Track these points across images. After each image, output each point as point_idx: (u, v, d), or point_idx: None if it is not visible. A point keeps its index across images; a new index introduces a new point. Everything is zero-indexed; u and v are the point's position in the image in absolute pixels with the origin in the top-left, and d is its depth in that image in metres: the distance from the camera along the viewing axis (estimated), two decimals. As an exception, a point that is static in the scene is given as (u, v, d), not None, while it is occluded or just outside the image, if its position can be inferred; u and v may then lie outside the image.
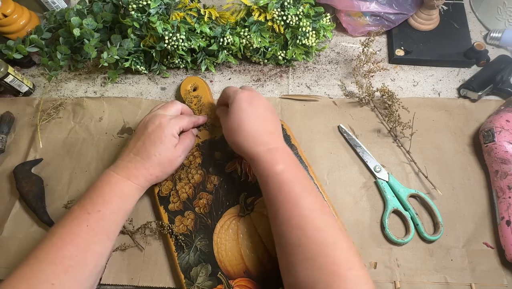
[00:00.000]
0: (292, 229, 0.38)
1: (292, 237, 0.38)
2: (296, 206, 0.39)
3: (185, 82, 0.60)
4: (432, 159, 0.54)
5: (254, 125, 0.45)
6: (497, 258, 0.47)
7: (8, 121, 0.59)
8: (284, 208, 0.40)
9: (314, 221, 0.38)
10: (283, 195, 0.40)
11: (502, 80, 0.56)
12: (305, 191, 0.41)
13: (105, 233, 0.42)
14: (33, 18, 0.66)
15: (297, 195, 0.40)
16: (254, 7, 0.56)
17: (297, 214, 0.39)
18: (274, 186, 0.41)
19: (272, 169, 0.42)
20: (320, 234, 0.37)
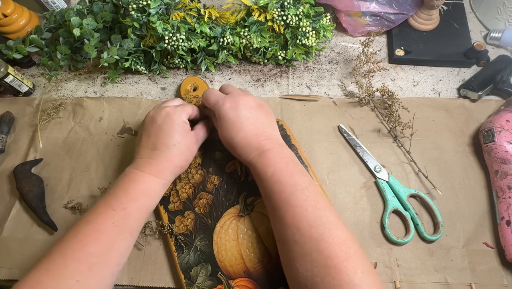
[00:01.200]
0: (287, 227, 0.39)
1: (288, 235, 0.39)
2: (289, 205, 0.40)
3: (185, 82, 0.60)
4: (432, 159, 0.54)
5: (243, 136, 0.45)
6: (497, 258, 0.47)
7: (8, 121, 0.59)
8: (278, 209, 0.41)
9: (306, 218, 0.38)
10: (277, 197, 0.41)
11: (502, 80, 0.56)
12: (297, 189, 0.41)
13: (129, 231, 0.41)
14: (33, 18, 0.66)
15: (289, 194, 0.40)
16: (254, 7, 0.56)
17: (291, 213, 0.39)
18: (267, 189, 0.42)
19: (264, 173, 0.43)
20: (313, 230, 0.38)
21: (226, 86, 0.51)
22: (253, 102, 0.47)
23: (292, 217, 0.39)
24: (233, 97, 0.47)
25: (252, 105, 0.47)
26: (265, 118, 0.47)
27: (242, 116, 0.45)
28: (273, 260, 0.46)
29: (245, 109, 0.46)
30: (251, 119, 0.46)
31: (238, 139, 0.45)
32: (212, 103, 0.48)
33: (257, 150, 0.44)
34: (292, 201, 0.40)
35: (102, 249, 0.39)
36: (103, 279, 0.38)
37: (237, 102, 0.46)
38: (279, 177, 0.42)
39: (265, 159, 0.43)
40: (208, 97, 0.49)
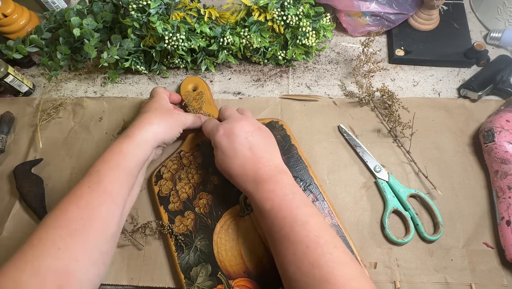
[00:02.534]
0: (288, 265, 0.37)
1: (290, 273, 0.37)
2: (288, 242, 0.37)
3: (185, 82, 0.60)
4: (432, 159, 0.54)
5: (239, 165, 0.43)
6: (497, 258, 0.47)
7: (8, 121, 0.59)
8: (279, 244, 0.39)
9: (308, 257, 0.36)
10: (276, 232, 0.39)
11: (502, 80, 0.56)
12: (298, 224, 0.38)
13: (107, 193, 0.41)
14: (33, 18, 0.66)
15: (289, 230, 0.38)
16: (254, 7, 0.56)
17: (291, 250, 0.37)
18: (267, 222, 0.40)
19: (262, 207, 0.40)
20: (316, 271, 0.35)
21: (223, 110, 0.49)
22: (250, 126, 0.45)
23: (293, 254, 0.37)
24: (228, 123, 0.45)
25: (248, 130, 0.44)
26: (263, 142, 0.45)
27: (237, 143, 0.43)
28: (273, 260, 0.46)
29: (240, 135, 0.44)
30: (246, 146, 0.43)
31: (234, 167, 0.43)
32: (208, 132, 0.47)
33: (254, 180, 0.42)
34: (292, 237, 0.37)
35: (82, 214, 0.38)
36: (87, 245, 0.37)
37: (232, 129, 0.44)
38: (277, 211, 0.39)
39: (262, 190, 0.41)
40: (206, 127, 0.49)
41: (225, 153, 0.44)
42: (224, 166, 0.44)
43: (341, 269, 0.35)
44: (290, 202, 0.40)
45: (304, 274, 0.35)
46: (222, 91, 0.62)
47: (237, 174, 0.43)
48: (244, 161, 0.43)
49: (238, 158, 0.43)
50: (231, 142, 0.44)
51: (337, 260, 0.36)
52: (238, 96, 0.61)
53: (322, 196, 0.49)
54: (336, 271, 0.35)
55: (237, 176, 0.43)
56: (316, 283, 0.34)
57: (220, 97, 0.61)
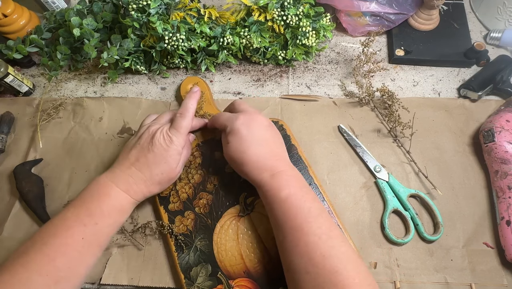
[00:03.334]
0: (299, 256, 0.37)
1: (300, 264, 0.37)
2: (302, 233, 0.38)
3: (185, 82, 0.60)
4: (432, 159, 0.54)
5: (256, 152, 0.43)
6: (497, 258, 0.47)
7: (8, 121, 0.59)
8: (291, 235, 0.39)
9: (320, 248, 0.37)
10: (289, 222, 0.39)
11: (502, 80, 0.56)
12: (312, 216, 0.39)
13: (99, 245, 0.41)
14: (33, 18, 0.66)
15: (303, 221, 0.39)
16: (254, 7, 0.56)
17: (303, 241, 0.37)
18: (280, 212, 0.40)
19: (277, 195, 0.41)
20: (326, 261, 0.36)
21: (239, 103, 0.50)
22: (266, 121, 0.47)
23: (305, 246, 0.37)
24: (248, 114, 0.46)
25: (265, 124, 0.46)
26: (277, 138, 0.47)
27: (255, 134, 0.44)
28: (273, 260, 0.46)
29: (259, 127, 0.45)
30: (264, 138, 0.45)
31: (251, 154, 0.43)
32: (223, 121, 0.47)
33: (269, 170, 0.43)
34: (305, 229, 0.38)
35: (70, 264, 0.38)
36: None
37: (251, 120, 0.45)
38: (293, 201, 0.40)
39: (278, 180, 0.42)
40: (219, 117, 0.49)
41: (244, 139, 0.44)
42: (238, 152, 0.44)
43: (350, 263, 0.36)
44: (306, 194, 0.41)
45: (315, 265, 0.36)
46: (222, 91, 0.62)
47: (253, 160, 0.43)
48: (261, 150, 0.44)
49: (256, 146, 0.44)
50: (251, 131, 0.44)
51: (346, 254, 0.37)
52: (238, 96, 0.61)
53: (322, 196, 0.49)
54: (346, 263, 0.36)
55: (252, 162, 0.43)
56: (327, 274, 0.35)
57: (220, 97, 0.61)
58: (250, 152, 0.44)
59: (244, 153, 0.44)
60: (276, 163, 0.43)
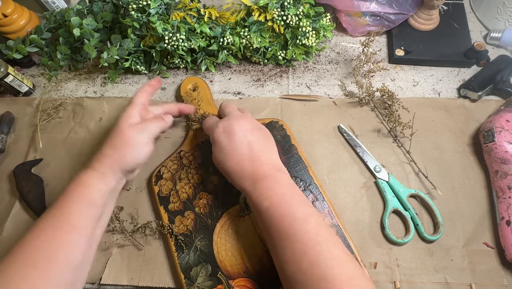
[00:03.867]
0: (287, 264, 0.37)
1: (289, 272, 0.37)
2: (287, 241, 0.37)
3: (185, 82, 0.60)
4: (432, 159, 0.54)
5: (236, 162, 0.43)
6: (497, 258, 0.47)
7: (8, 121, 0.59)
8: (277, 243, 0.38)
9: (307, 255, 0.36)
10: (274, 230, 0.38)
11: (502, 80, 0.56)
12: (297, 222, 0.38)
13: (70, 224, 0.40)
14: (33, 18, 0.66)
15: (288, 228, 0.38)
16: (254, 7, 0.56)
17: (290, 249, 0.37)
18: (265, 221, 0.40)
19: (260, 205, 0.40)
20: (315, 269, 0.35)
21: (224, 106, 0.49)
22: (249, 125, 0.45)
23: (292, 253, 0.36)
24: (227, 121, 0.45)
25: (247, 128, 0.44)
26: (262, 141, 0.45)
27: (235, 141, 0.43)
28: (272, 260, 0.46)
29: (239, 133, 0.44)
30: (245, 144, 0.43)
31: (231, 164, 0.43)
32: (207, 129, 0.48)
33: (251, 178, 0.42)
34: (291, 236, 0.37)
35: (44, 246, 0.38)
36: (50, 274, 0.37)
37: (231, 126, 0.44)
38: (276, 209, 0.39)
39: (260, 188, 0.41)
40: (205, 123, 0.49)
41: (223, 150, 0.44)
42: (221, 162, 0.44)
43: (340, 268, 0.35)
44: (289, 200, 0.40)
45: (303, 273, 0.35)
46: (222, 91, 0.62)
47: (234, 170, 0.43)
48: (241, 158, 0.43)
49: (236, 155, 0.43)
50: (230, 140, 0.43)
51: (336, 259, 0.36)
52: (238, 96, 0.61)
53: (322, 196, 0.49)
54: (335, 269, 0.35)
55: (234, 173, 0.43)
56: (315, 281, 0.34)
57: (220, 97, 0.61)
58: (231, 162, 0.43)
59: (225, 164, 0.43)
60: (259, 170, 0.42)
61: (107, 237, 0.50)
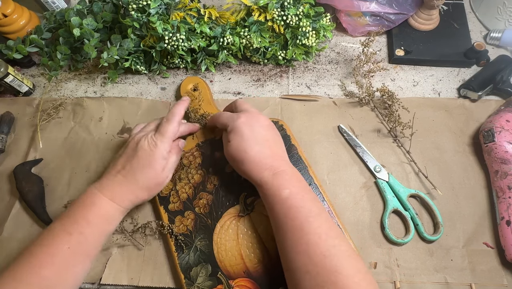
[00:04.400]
0: (298, 255, 0.38)
1: (299, 264, 0.37)
2: (302, 232, 0.38)
3: (185, 82, 0.60)
4: (432, 159, 0.54)
5: (257, 151, 0.44)
6: (497, 258, 0.47)
7: (8, 121, 0.59)
8: (291, 234, 0.39)
9: (321, 247, 0.37)
10: (290, 221, 0.39)
11: (502, 80, 0.56)
12: (312, 215, 0.39)
13: (86, 254, 0.41)
14: (33, 18, 0.66)
15: (304, 220, 0.39)
16: (254, 7, 0.56)
17: (304, 240, 0.38)
18: (281, 211, 0.40)
19: (278, 194, 0.41)
20: (327, 261, 0.36)
21: (241, 103, 0.50)
22: (267, 122, 0.47)
23: (306, 245, 0.37)
24: (249, 113, 0.47)
25: (266, 124, 0.47)
26: (277, 140, 0.47)
27: (256, 133, 0.45)
28: (273, 260, 0.46)
29: (260, 127, 0.46)
30: (265, 138, 0.45)
31: (252, 153, 0.44)
32: (225, 120, 0.48)
33: (270, 169, 0.43)
34: (306, 228, 0.38)
35: (56, 272, 0.38)
36: None
37: (253, 119, 0.46)
38: (294, 200, 0.40)
39: (279, 179, 0.42)
40: (220, 116, 0.49)
41: (245, 139, 0.44)
42: (239, 151, 0.44)
43: (350, 262, 0.36)
44: (306, 194, 0.41)
45: (315, 264, 0.36)
46: (222, 91, 0.62)
47: (254, 160, 0.43)
48: (262, 149, 0.44)
49: (258, 145, 0.44)
50: (252, 130, 0.45)
51: (346, 253, 0.37)
52: (238, 96, 0.61)
53: (322, 196, 0.49)
54: (346, 262, 0.36)
55: (254, 162, 0.43)
56: (327, 273, 0.35)
57: (220, 97, 0.61)
58: (251, 151, 0.44)
59: (245, 152, 0.44)
60: (276, 163, 0.43)
61: (107, 237, 0.50)
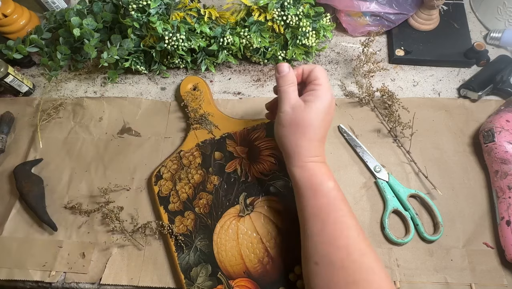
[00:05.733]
0: (337, 249, 0.37)
1: (336, 258, 0.36)
2: (344, 226, 0.37)
3: (185, 82, 0.60)
4: (432, 159, 0.54)
5: (322, 134, 0.41)
6: (497, 258, 0.47)
7: (8, 121, 0.59)
8: (331, 227, 0.38)
9: (360, 244, 0.37)
10: (333, 213, 0.38)
11: (502, 80, 0.56)
12: (350, 210, 0.39)
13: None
14: (33, 18, 0.66)
15: (346, 215, 0.38)
16: (254, 7, 0.56)
17: (345, 235, 0.37)
18: (324, 201, 0.39)
19: (324, 184, 0.40)
20: (365, 259, 0.36)
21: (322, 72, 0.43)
22: None
23: (346, 239, 0.37)
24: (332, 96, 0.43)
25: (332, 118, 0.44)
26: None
27: (330, 114, 0.42)
28: (273, 260, 0.46)
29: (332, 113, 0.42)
30: (328, 125, 0.42)
31: (320, 131, 0.41)
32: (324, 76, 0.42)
33: (321, 155, 0.41)
34: (348, 222, 0.38)
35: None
36: None
37: (333, 102, 0.43)
38: (337, 193, 0.39)
39: (325, 168, 0.41)
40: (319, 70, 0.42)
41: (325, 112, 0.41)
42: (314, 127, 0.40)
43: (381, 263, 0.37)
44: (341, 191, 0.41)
45: (353, 261, 0.36)
46: (222, 91, 0.62)
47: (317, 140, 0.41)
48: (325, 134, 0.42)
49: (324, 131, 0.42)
50: (330, 111, 0.41)
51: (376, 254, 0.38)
52: (238, 96, 0.61)
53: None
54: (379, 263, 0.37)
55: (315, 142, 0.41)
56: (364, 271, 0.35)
57: (220, 97, 0.61)
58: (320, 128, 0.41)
59: (319, 127, 0.41)
60: (323, 151, 0.42)
61: (107, 237, 0.50)
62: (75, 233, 0.51)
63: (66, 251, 0.50)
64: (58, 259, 0.49)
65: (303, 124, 0.40)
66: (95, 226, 0.51)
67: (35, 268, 0.49)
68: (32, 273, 0.48)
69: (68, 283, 0.48)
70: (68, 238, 0.51)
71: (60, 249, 0.50)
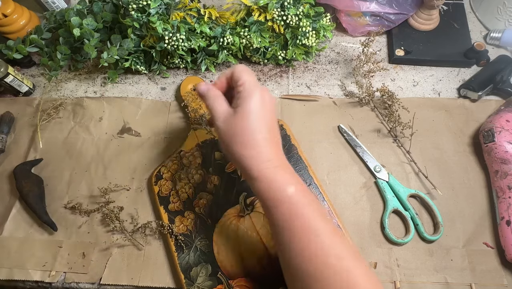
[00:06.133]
0: (310, 260, 0.33)
1: (310, 270, 0.33)
2: (312, 233, 0.34)
3: (185, 82, 0.60)
4: (432, 159, 0.54)
5: (265, 136, 0.36)
6: (497, 258, 0.47)
7: (8, 121, 0.59)
8: (299, 237, 0.34)
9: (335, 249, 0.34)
10: (298, 221, 0.34)
11: (502, 80, 0.56)
12: (319, 213, 0.35)
13: None
14: (33, 18, 0.66)
15: (313, 219, 0.34)
16: (254, 7, 0.56)
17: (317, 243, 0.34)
18: (287, 210, 0.35)
19: (284, 190, 0.35)
20: (343, 263, 0.33)
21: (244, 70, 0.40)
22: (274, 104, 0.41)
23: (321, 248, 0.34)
24: (262, 88, 0.39)
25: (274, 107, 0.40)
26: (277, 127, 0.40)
27: (267, 111, 0.38)
28: (272, 260, 0.46)
29: (271, 106, 0.38)
30: (273, 122, 0.38)
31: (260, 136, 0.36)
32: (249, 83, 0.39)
33: (272, 160, 0.36)
34: (317, 228, 0.34)
35: None
36: None
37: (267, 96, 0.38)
38: (299, 197, 0.35)
39: (282, 174, 0.36)
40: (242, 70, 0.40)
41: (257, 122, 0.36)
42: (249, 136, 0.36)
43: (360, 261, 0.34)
44: (306, 186, 0.37)
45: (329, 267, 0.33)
46: (222, 91, 0.62)
47: (259, 147, 0.36)
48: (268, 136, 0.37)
49: (265, 134, 0.37)
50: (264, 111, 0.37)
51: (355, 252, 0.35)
52: (238, 96, 0.61)
53: (322, 196, 0.49)
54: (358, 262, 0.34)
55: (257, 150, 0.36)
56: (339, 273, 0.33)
57: (220, 97, 0.61)
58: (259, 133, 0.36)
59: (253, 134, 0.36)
60: (277, 152, 0.37)
61: (107, 237, 0.50)
62: (75, 233, 0.51)
63: (66, 251, 0.50)
64: (58, 259, 0.49)
65: (240, 133, 0.36)
66: (95, 226, 0.51)
67: (35, 268, 0.49)
68: (32, 273, 0.48)
69: (68, 283, 0.48)
70: (68, 238, 0.51)
71: (60, 249, 0.50)
